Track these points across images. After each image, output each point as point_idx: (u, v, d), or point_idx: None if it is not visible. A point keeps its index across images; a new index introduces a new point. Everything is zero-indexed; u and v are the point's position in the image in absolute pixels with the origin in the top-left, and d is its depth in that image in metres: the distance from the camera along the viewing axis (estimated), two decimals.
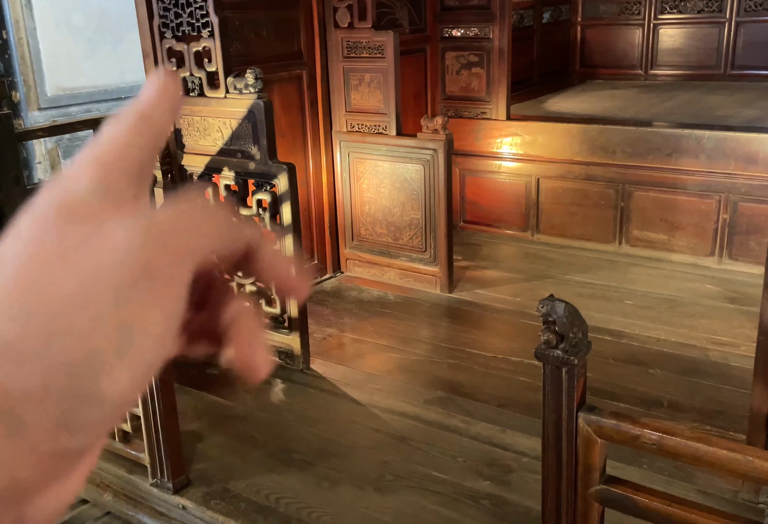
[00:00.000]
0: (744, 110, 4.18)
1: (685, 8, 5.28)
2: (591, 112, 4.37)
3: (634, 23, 5.45)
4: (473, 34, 4.15)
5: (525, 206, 4.17)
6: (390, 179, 3.56)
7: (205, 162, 2.81)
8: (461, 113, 4.28)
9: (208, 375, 2.83)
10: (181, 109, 0.36)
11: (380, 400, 2.60)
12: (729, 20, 5.12)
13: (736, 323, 3.05)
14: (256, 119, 2.63)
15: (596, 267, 3.76)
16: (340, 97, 3.60)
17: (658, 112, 4.26)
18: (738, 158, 3.50)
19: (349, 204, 3.72)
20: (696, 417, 2.43)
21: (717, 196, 3.59)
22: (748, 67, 5.10)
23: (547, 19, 5.33)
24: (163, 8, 2.75)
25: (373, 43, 3.44)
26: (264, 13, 3.28)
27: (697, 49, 5.28)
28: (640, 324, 3.09)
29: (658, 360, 2.81)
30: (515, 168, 4.16)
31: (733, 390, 2.54)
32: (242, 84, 2.61)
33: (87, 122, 4.03)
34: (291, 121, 3.49)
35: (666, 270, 3.66)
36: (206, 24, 2.64)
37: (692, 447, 1.32)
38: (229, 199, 2.77)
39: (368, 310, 3.38)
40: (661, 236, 3.79)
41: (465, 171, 4.32)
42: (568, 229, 4.06)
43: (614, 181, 3.85)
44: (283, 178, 2.61)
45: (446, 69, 4.28)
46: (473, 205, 4.36)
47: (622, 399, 2.55)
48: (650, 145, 3.73)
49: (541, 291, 3.51)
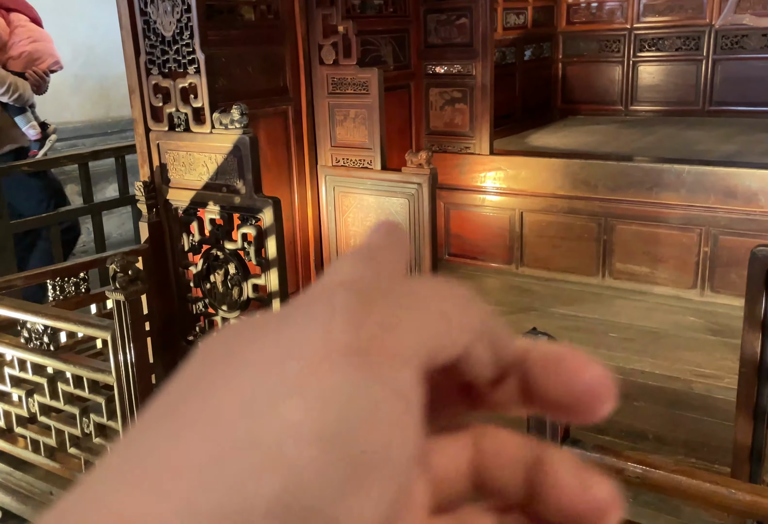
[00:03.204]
0: (723, 145, 4.27)
1: (663, 46, 5.41)
2: (573, 146, 4.44)
3: (614, 60, 5.57)
4: (456, 70, 4.22)
5: (509, 239, 4.21)
6: (375, 213, 3.59)
7: (191, 196, 2.82)
8: (445, 148, 4.33)
9: None
10: (407, 256, 0.31)
11: None
12: (706, 58, 5.24)
13: (719, 355, 3.07)
14: (241, 154, 2.65)
15: (580, 300, 3.78)
16: (326, 132, 3.64)
17: (639, 147, 4.34)
18: (717, 192, 3.56)
19: (334, 237, 3.74)
20: (681, 450, 2.43)
21: (698, 229, 3.64)
22: (725, 103, 5.22)
23: (529, 56, 5.44)
24: (149, 45, 2.79)
25: (358, 80, 3.49)
26: (250, 50, 3.33)
27: (676, 85, 5.40)
28: (624, 357, 3.10)
29: (643, 392, 2.82)
30: (499, 201, 4.20)
31: (717, 423, 2.55)
32: (228, 119, 2.64)
33: (73, 157, 4.06)
34: (277, 156, 3.52)
35: (649, 303, 3.69)
36: (192, 61, 2.68)
37: (676, 481, 1.32)
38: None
39: None
40: (643, 269, 3.83)
41: (450, 204, 4.36)
42: (552, 261, 4.09)
43: (597, 215, 3.90)
44: (268, 212, 2.62)
45: (430, 105, 4.35)
46: (458, 238, 4.39)
47: (607, 433, 2.54)
48: (631, 179, 3.78)
49: (526, 324, 3.52)
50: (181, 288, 2.98)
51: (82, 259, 2.87)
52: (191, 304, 2.97)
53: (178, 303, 3.00)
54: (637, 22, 5.46)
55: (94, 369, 2.10)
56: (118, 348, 2.00)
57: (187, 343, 3.02)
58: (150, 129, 2.90)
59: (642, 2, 5.43)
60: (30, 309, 2.24)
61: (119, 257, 1.97)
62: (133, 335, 1.96)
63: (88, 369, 2.11)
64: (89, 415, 2.19)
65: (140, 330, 2.00)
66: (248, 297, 2.76)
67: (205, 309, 2.93)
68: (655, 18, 5.42)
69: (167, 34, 2.71)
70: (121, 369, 2.01)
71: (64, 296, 2.64)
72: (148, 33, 2.77)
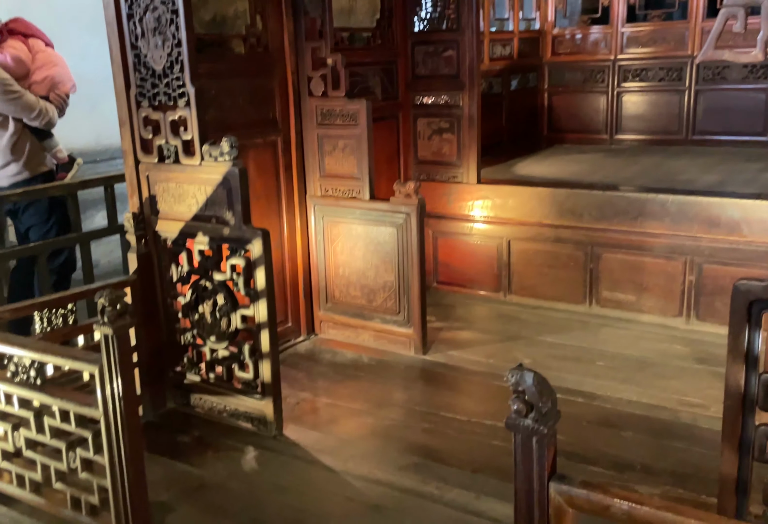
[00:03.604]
0: (705, 175, 4.33)
1: (646, 77, 5.52)
2: (559, 175, 4.50)
3: (599, 90, 5.67)
4: (444, 101, 4.28)
5: (497, 267, 4.24)
6: (364, 242, 3.61)
7: (180, 227, 2.83)
8: (433, 177, 4.38)
9: (179, 443, 2.79)
10: None
11: (354, 467, 2.57)
12: (689, 88, 5.35)
13: (705, 384, 3.09)
14: (231, 185, 2.67)
15: (568, 328, 3.80)
16: (315, 162, 3.67)
17: (624, 176, 4.40)
18: (701, 222, 3.61)
19: (323, 266, 3.76)
20: (668, 481, 2.43)
21: (682, 258, 3.68)
22: (708, 133, 5.32)
23: (515, 86, 5.53)
24: (140, 79, 2.82)
25: (347, 111, 3.54)
26: (240, 82, 3.37)
27: (660, 115, 5.50)
28: (611, 386, 3.12)
29: (630, 422, 2.83)
30: (487, 230, 4.24)
31: (704, 453, 2.56)
32: (217, 152, 2.66)
33: (62, 187, 4.07)
34: (266, 186, 3.55)
35: (635, 331, 3.71)
36: (183, 94, 2.71)
37: (662, 518, 1.33)
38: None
39: (342, 373, 3.38)
40: (629, 297, 3.86)
41: (438, 233, 4.39)
42: (540, 289, 4.11)
43: (583, 243, 3.94)
44: (257, 243, 2.63)
45: (418, 134, 4.40)
46: (446, 266, 4.42)
47: (595, 463, 2.55)
48: (616, 208, 3.83)
49: (515, 353, 3.55)
50: (169, 319, 2.98)
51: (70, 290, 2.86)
52: (179, 335, 2.97)
53: (167, 333, 2.99)
54: (621, 53, 5.58)
55: (81, 403, 2.08)
56: (105, 382, 1.99)
57: (175, 374, 3.01)
58: (140, 161, 2.92)
59: (625, 34, 5.55)
60: (17, 343, 2.23)
61: (108, 291, 1.98)
62: (121, 369, 1.96)
63: (74, 403, 2.10)
64: (75, 450, 2.17)
65: (128, 364, 2.00)
66: (237, 328, 2.77)
67: (193, 340, 2.93)
68: (638, 49, 5.53)
69: (158, 67, 2.74)
70: (108, 404, 2.00)
71: (51, 328, 2.63)
72: (139, 66, 2.80)
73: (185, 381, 2.99)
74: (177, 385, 3.03)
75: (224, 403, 2.89)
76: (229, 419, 2.89)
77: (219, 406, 2.91)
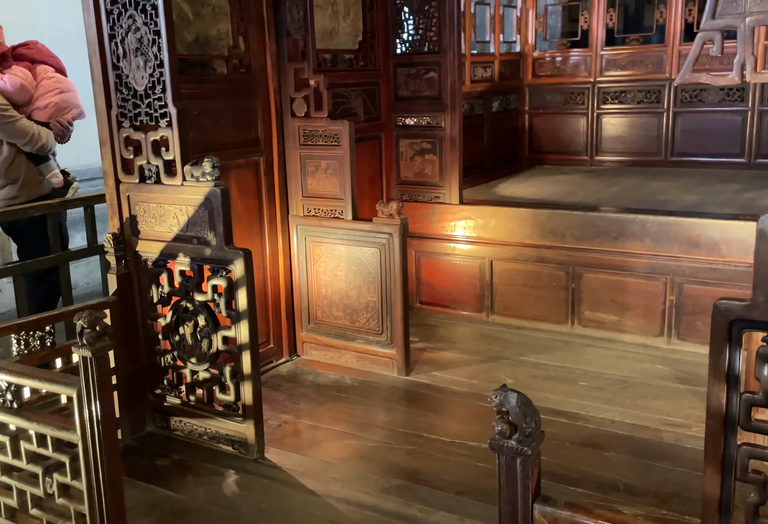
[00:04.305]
0: (685, 195, 4.38)
1: (625, 99, 5.60)
2: (540, 196, 4.53)
3: (579, 112, 5.74)
4: (426, 122, 4.31)
5: (479, 287, 4.25)
6: (346, 262, 3.60)
7: (161, 248, 2.81)
8: (416, 197, 4.39)
9: (159, 467, 2.75)
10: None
11: (337, 490, 2.54)
12: (667, 110, 5.43)
13: (687, 403, 3.10)
14: (212, 206, 2.65)
15: (550, 348, 3.80)
16: (297, 182, 3.67)
17: (604, 197, 4.44)
18: (681, 242, 3.64)
19: (305, 287, 3.74)
20: (652, 501, 2.42)
21: (663, 277, 3.71)
22: (686, 154, 5.39)
23: (497, 108, 5.58)
24: (121, 99, 2.81)
25: (329, 132, 3.55)
26: (222, 103, 3.38)
27: (639, 136, 5.57)
28: (594, 406, 3.12)
29: (613, 442, 2.83)
30: (469, 250, 4.25)
31: (687, 473, 2.56)
32: (199, 172, 2.65)
33: (41, 207, 4.03)
34: (248, 206, 3.54)
35: (617, 351, 3.72)
36: (164, 114, 2.70)
37: None
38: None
39: (325, 395, 3.35)
40: (611, 317, 3.88)
41: (420, 253, 4.40)
42: (522, 310, 4.12)
43: (565, 264, 3.96)
44: (239, 264, 2.62)
45: (400, 155, 4.42)
46: (429, 287, 4.42)
47: (579, 484, 2.53)
48: (597, 228, 3.86)
49: (497, 373, 3.54)
50: (149, 340, 2.94)
51: (48, 312, 2.82)
52: (159, 357, 2.94)
53: (146, 355, 2.96)
54: (600, 75, 5.66)
55: (58, 427, 2.05)
56: (83, 405, 1.96)
57: (155, 397, 2.97)
58: (120, 181, 2.90)
59: (604, 57, 5.63)
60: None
61: (87, 312, 1.95)
62: (99, 392, 1.93)
63: (52, 427, 2.06)
64: (53, 475, 2.13)
65: (107, 387, 1.97)
66: (218, 350, 2.74)
67: (173, 362, 2.90)
68: (617, 72, 5.61)
69: (139, 88, 2.74)
70: (86, 427, 1.97)
71: (29, 350, 2.59)
72: (120, 87, 2.80)
73: (165, 403, 2.95)
74: (157, 408, 2.98)
75: (205, 426, 2.85)
76: (209, 442, 2.85)
77: (199, 429, 2.88)
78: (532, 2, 5.84)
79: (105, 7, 2.74)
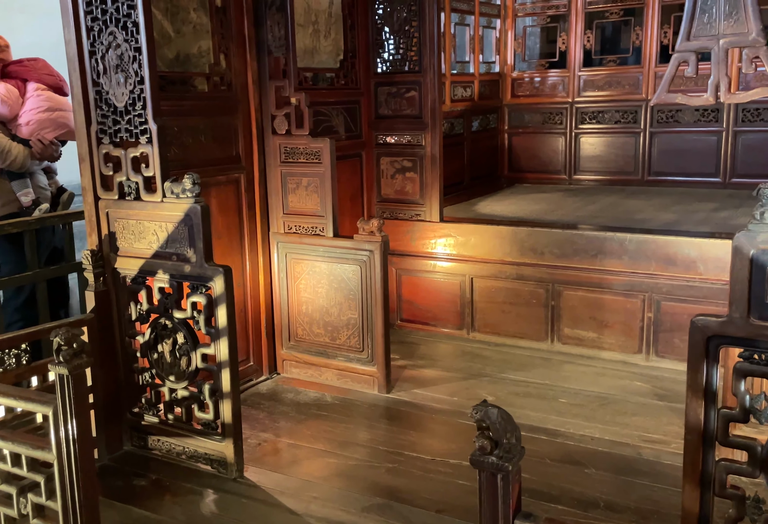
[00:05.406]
0: (661, 214, 4.44)
1: (603, 119, 5.68)
2: (520, 214, 4.56)
3: (557, 132, 5.81)
4: (406, 140, 4.34)
5: (460, 305, 4.26)
6: (327, 279, 3.60)
7: (140, 265, 2.79)
8: (396, 215, 4.41)
9: (135, 487, 2.71)
10: None
11: (317, 509, 2.52)
12: (644, 130, 5.51)
13: (666, 420, 3.12)
14: (192, 223, 2.65)
15: (530, 365, 3.81)
16: (278, 199, 3.68)
17: (583, 215, 4.49)
18: (658, 259, 3.68)
19: (286, 304, 3.73)
20: (632, 518, 2.43)
21: (641, 295, 3.74)
22: (663, 174, 5.47)
23: (476, 127, 5.63)
24: (101, 115, 2.80)
25: (311, 149, 3.56)
26: (203, 120, 3.38)
27: (616, 156, 5.65)
28: (574, 423, 3.12)
29: (593, 459, 2.83)
30: (449, 267, 4.26)
31: (666, 489, 2.56)
32: (179, 188, 2.65)
33: (19, 224, 4.00)
34: (228, 223, 3.53)
35: (597, 368, 3.74)
36: (144, 131, 2.70)
37: None
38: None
39: (305, 413, 3.33)
40: (590, 334, 3.90)
41: (401, 270, 4.40)
42: (502, 327, 4.14)
43: (544, 281, 3.98)
44: (219, 281, 2.61)
45: (381, 173, 4.44)
46: (410, 304, 4.42)
47: (559, 501, 2.53)
48: (576, 246, 3.89)
49: (478, 390, 3.54)
50: (127, 358, 2.91)
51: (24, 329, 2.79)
52: (137, 375, 2.90)
53: (124, 373, 2.93)
54: (578, 96, 5.74)
55: (33, 446, 2.01)
56: (59, 424, 1.93)
57: (133, 415, 2.94)
58: (99, 197, 2.89)
59: (582, 78, 5.72)
60: None
61: (64, 329, 1.93)
62: (76, 410, 1.90)
63: (27, 447, 2.03)
64: (27, 495, 2.09)
65: (83, 405, 1.94)
66: (197, 367, 2.72)
67: (151, 380, 2.87)
68: (595, 92, 5.70)
69: (119, 104, 2.74)
70: (62, 447, 1.94)
71: (4, 368, 2.55)
72: (100, 103, 2.79)
73: (143, 422, 2.91)
74: (134, 427, 2.95)
75: (183, 445, 2.82)
76: (188, 461, 2.82)
77: (178, 448, 2.84)
78: (510, 23, 5.92)
79: (85, 24, 2.75)
